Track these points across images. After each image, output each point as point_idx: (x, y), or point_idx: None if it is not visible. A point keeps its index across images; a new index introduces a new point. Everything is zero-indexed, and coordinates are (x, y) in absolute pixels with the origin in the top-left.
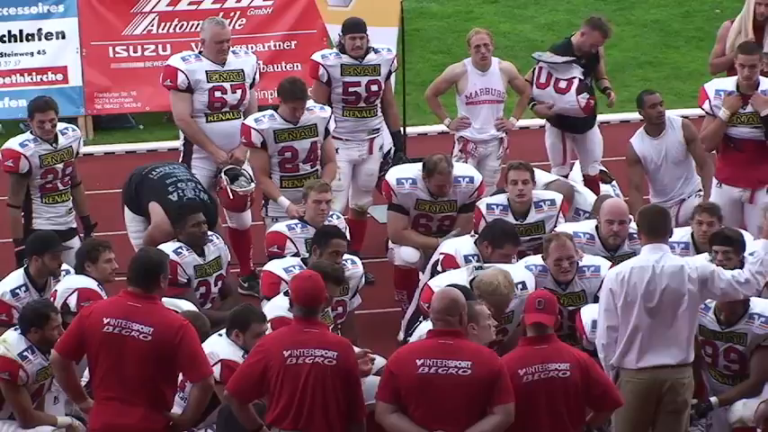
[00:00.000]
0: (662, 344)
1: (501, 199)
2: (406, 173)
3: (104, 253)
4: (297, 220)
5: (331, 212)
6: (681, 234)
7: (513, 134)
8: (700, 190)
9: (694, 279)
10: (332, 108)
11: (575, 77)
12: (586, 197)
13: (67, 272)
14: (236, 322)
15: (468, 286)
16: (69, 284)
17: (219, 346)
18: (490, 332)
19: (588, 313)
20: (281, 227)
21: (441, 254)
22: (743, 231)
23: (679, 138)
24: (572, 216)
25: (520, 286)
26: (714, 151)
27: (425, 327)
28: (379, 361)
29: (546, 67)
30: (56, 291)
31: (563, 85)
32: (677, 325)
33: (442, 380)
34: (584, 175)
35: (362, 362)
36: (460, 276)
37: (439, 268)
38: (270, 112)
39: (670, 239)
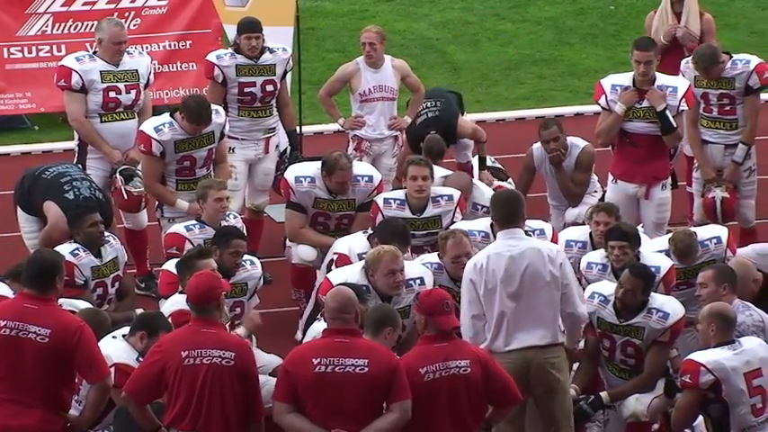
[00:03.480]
0: (527, 326)
1: (398, 194)
2: (305, 171)
3: None
4: (195, 221)
5: (227, 212)
6: (579, 233)
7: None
8: (596, 191)
9: (554, 260)
10: (227, 108)
11: None
12: (483, 192)
13: None
14: (146, 325)
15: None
16: None
17: (112, 349)
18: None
19: None
20: (179, 228)
21: (335, 253)
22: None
23: (571, 164)
24: (470, 211)
25: (418, 281)
26: (610, 147)
27: (319, 326)
28: (276, 360)
29: None
30: None
31: None
32: (540, 306)
33: (339, 378)
34: (457, 163)
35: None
36: (359, 269)
37: (333, 267)
38: (168, 119)
39: (566, 238)
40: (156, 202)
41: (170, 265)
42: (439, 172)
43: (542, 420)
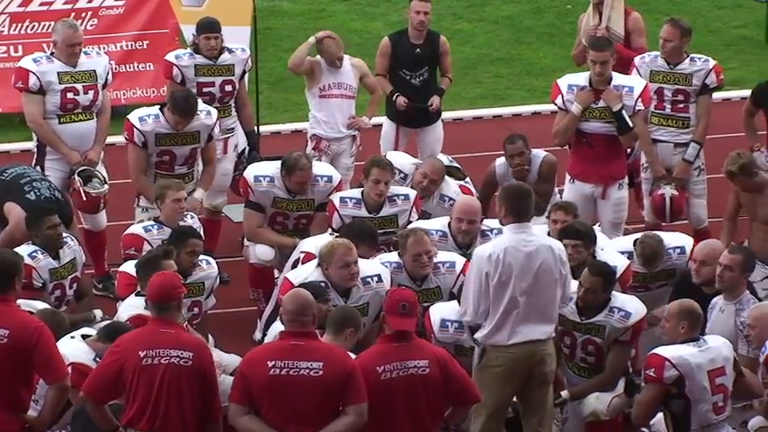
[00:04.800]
0: (534, 320)
1: (355, 192)
2: (264, 170)
3: None
4: (153, 222)
5: (185, 212)
6: (537, 232)
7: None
8: (561, 189)
9: (564, 260)
10: None
11: None
12: (450, 185)
13: None
14: (110, 338)
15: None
16: None
17: (70, 349)
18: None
19: (437, 311)
20: (137, 229)
21: (301, 252)
22: (595, 227)
23: (534, 175)
24: (437, 202)
25: (375, 279)
26: (567, 147)
27: (279, 327)
28: (235, 360)
29: None
30: None
31: None
32: (548, 302)
33: (294, 381)
34: None
35: None
36: (314, 266)
37: (300, 266)
38: (156, 111)
39: None
40: (136, 193)
41: (128, 267)
42: (409, 160)
43: (527, 411)
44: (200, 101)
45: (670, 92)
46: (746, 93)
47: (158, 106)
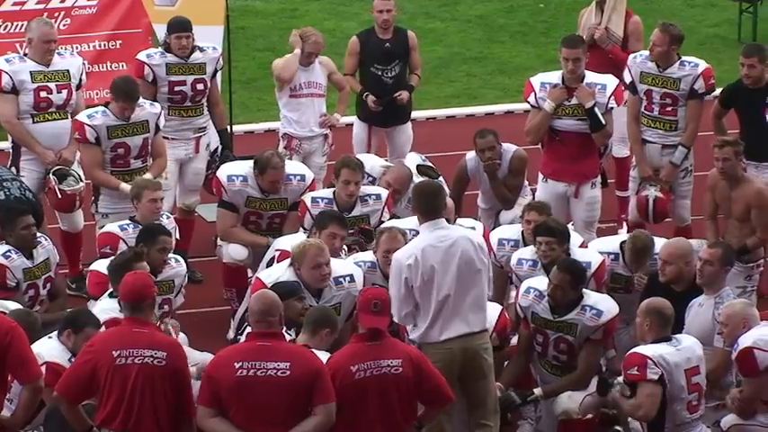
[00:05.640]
0: (463, 314)
1: (326, 192)
2: (238, 170)
3: None
4: (128, 221)
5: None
6: (511, 232)
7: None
8: (527, 194)
9: (483, 248)
10: None
11: None
12: None
13: None
14: (71, 322)
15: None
16: None
17: (45, 348)
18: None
19: None
20: (113, 228)
21: (276, 250)
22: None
23: (504, 169)
24: (405, 205)
25: (348, 279)
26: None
27: None
28: (207, 358)
29: None
30: None
31: None
32: (475, 292)
33: (261, 382)
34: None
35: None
36: (287, 265)
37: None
38: (102, 108)
39: (499, 236)
40: (92, 198)
41: (98, 265)
42: (379, 163)
43: (469, 405)
44: (146, 102)
45: (658, 95)
46: (720, 91)
47: (104, 104)
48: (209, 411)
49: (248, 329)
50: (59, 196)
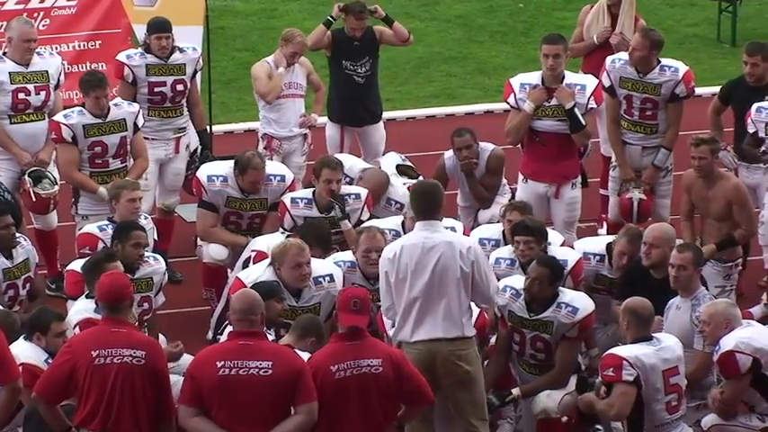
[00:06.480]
0: (434, 318)
1: (306, 193)
2: (218, 170)
3: None
4: (107, 222)
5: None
6: (491, 231)
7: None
8: (506, 192)
9: (465, 257)
10: None
11: None
12: (398, 188)
13: None
14: (35, 325)
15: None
16: None
17: (21, 350)
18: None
19: None
20: (92, 228)
21: (252, 251)
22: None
23: (482, 168)
24: (383, 206)
25: (327, 278)
26: (519, 146)
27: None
28: (187, 359)
29: None
30: None
31: None
32: (449, 299)
33: (244, 381)
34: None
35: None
36: (266, 265)
37: (251, 265)
38: (78, 108)
39: (479, 236)
40: (72, 200)
41: (76, 265)
42: (358, 164)
43: (455, 410)
44: (124, 102)
45: (639, 100)
46: (698, 90)
47: (81, 104)
48: (191, 410)
49: (228, 329)
50: (34, 199)
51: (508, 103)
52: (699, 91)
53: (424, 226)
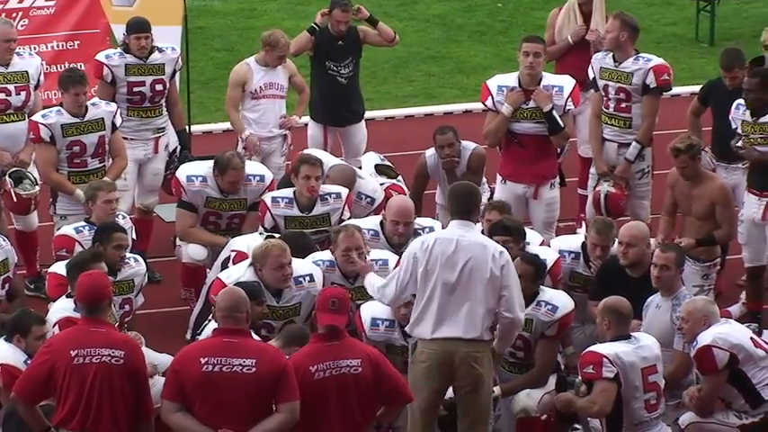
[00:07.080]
0: (456, 317)
1: (287, 192)
2: (197, 170)
3: None
4: (84, 223)
5: (117, 213)
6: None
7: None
8: (485, 191)
9: (497, 259)
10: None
11: None
12: (367, 182)
13: None
14: (16, 327)
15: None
16: None
17: (0, 350)
18: None
19: (368, 310)
20: (68, 230)
21: (232, 251)
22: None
23: (463, 167)
24: (354, 200)
25: (308, 278)
26: (498, 148)
27: (213, 326)
28: (167, 360)
29: None
30: None
31: None
32: (474, 301)
33: (227, 378)
34: None
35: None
36: (247, 266)
37: (230, 265)
38: (56, 108)
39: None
40: (50, 200)
41: (58, 267)
42: (326, 159)
43: (460, 409)
44: (102, 101)
45: (614, 89)
46: (677, 90)
47: (59, 104)
48: (174, 406)
49: (207, 328)
50: (15, 200)
51: (486, 106)
52: (677, 90)
53: (460, 225)
